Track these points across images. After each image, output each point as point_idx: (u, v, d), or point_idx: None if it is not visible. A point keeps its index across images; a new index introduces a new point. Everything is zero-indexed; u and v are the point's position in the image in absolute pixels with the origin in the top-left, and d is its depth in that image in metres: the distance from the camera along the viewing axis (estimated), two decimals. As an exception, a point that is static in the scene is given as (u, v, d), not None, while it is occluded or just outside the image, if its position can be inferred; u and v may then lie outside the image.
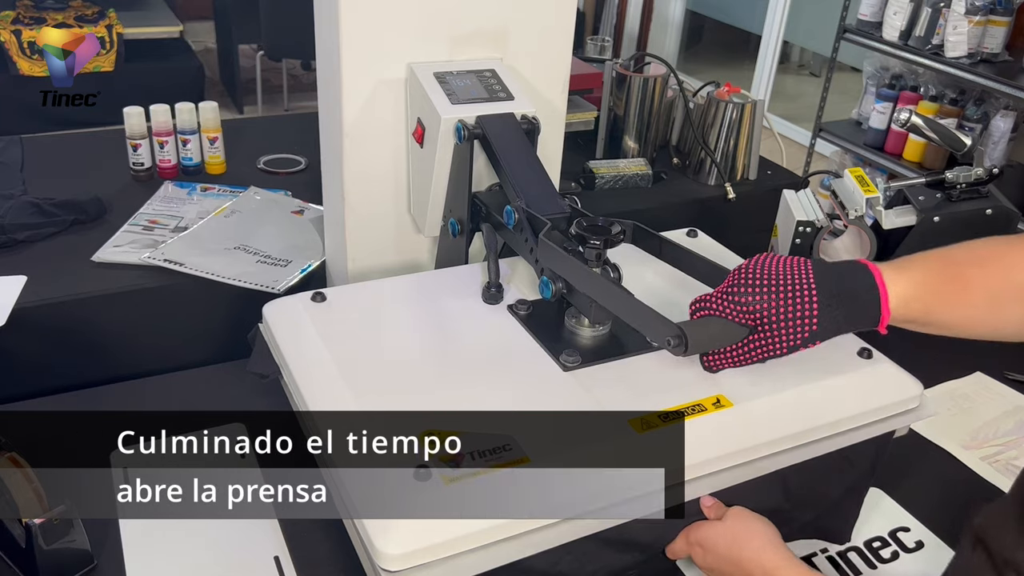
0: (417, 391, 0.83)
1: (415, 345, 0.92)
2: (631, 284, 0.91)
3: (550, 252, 0.90)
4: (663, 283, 1.00)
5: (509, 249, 1.03)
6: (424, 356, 0.91)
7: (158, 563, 0.82)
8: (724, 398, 0.82)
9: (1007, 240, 0.82)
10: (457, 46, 1.11)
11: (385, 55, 1.08)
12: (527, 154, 1.04)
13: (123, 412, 1.05)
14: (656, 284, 1.00)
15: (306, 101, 4.71)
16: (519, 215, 0.97)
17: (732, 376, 0.84)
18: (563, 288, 0.91)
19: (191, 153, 1.53)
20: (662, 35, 5.27)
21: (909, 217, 1.32)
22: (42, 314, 1.14)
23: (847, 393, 0.87)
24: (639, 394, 0.83)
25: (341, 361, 0.85)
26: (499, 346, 0.91)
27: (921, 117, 1.32)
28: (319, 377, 0.84)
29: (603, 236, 0.89)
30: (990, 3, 2.95)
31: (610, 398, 0.82)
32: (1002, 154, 3.08)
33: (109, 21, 3.62)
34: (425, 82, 1.07)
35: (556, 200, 0.98)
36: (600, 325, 0.91)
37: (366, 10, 1.04)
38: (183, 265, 1.23)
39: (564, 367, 0.86)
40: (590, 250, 0.89)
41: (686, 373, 0.85)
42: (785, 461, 0.83)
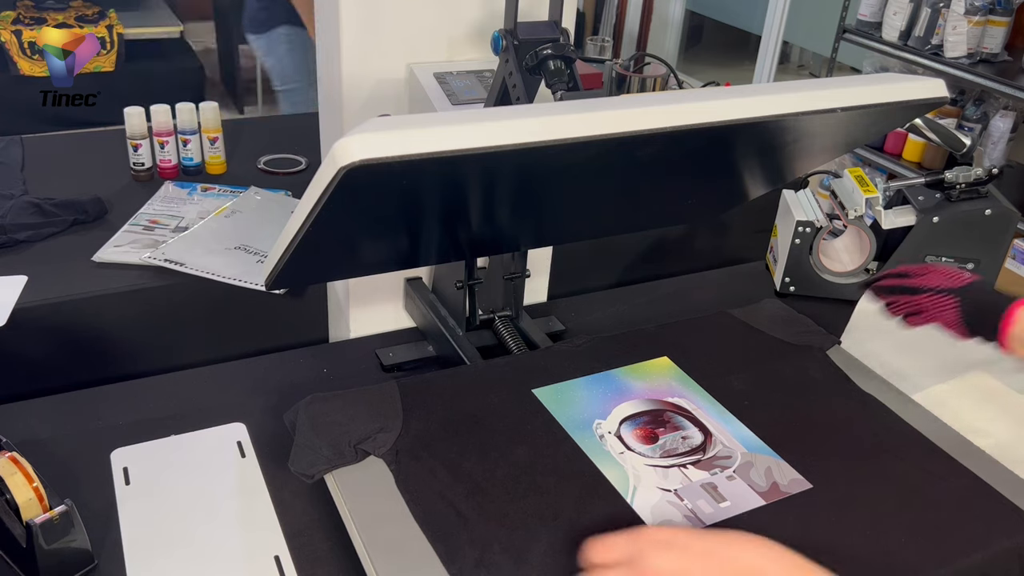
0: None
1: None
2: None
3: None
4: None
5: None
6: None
7: (158, 563, 0.82)
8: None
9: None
10: (457, 46, 1.11)
11: (385, 55, 1.08)
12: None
13: (123, 412, 1.05)
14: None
15: (306, 101, 4.71)
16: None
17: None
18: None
19: (191, 153, 1.53)
20: (662, 35, 5.27)
21: (908, 217, 1.32)
22: (42, 314, 1.14)
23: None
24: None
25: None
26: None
27: (920, 117, 1.32)
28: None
29: None
30: (989, 3, 2.95)
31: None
32: (1001, 154, 3.08)
33: (109, 21, 3.62)
34: (425, 82, 1.07)
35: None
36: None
37: (366, 10, 1.04)
38: (183, 265, 1.23)
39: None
40: None
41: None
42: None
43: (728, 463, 0.87)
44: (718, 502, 0.81)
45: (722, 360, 1.04)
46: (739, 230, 1.59)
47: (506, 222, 0.97)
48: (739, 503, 0.82)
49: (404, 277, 1.26)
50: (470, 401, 0.93)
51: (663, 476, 0.84)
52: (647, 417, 0.93)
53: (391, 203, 0.79)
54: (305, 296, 1.30)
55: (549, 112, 0.71)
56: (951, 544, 0.80)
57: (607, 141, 0.71)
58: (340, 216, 0.73)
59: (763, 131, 0.83)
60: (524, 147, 0.68)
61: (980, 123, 3.10)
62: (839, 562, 0.76)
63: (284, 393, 1.06)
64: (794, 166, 1.05)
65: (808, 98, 0.80)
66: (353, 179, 0.64)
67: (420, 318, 1.23)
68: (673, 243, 1.57)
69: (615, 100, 0.77)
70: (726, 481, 0.84)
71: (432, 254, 1.08)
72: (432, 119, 0.71)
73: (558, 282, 1.36)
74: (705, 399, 0.97)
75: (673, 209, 1.16)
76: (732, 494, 0.83)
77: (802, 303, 1.30)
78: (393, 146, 0.64)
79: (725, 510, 0.81)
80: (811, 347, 1.09)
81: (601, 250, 1.48)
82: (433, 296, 1.22)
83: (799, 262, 1.36)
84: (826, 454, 0.90)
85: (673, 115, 0.73)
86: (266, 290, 0.97)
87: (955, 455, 0.91)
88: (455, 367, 1.07)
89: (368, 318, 1.25)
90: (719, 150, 0.88)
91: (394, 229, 0.88)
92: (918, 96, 0.88)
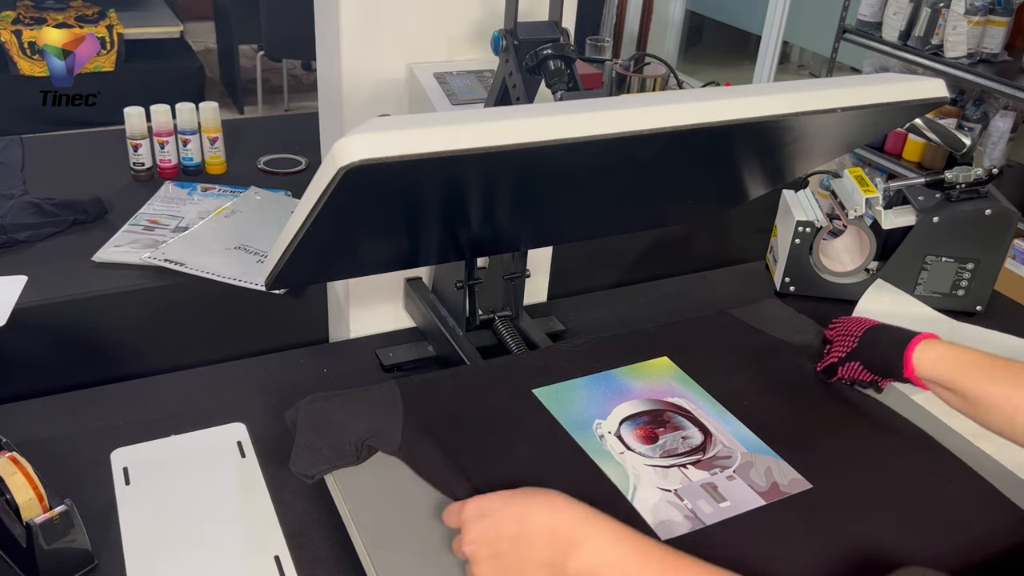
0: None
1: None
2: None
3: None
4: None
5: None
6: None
7: (158, 563, 0.82)
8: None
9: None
10: (457, 46, 1.11)
11: (385, 55, 1.08)
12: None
13: (123, 412, 1.05)
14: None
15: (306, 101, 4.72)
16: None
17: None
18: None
19: (191, 153, 1.53)
20: (662, 35, 5.27)
21: (908, 217, 1.32)
22: (42, 314, 1.14)
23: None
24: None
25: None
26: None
27: (920, 117, 1.32)
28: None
29: None
30: (989, 3, 2.95)
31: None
32: (1002, 154, 3.08)
33: (109, 21, 3.62)
34: (425, 82, 1.07)
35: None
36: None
37: (366, 10, 1.04)
38: (183, 265, 1.23)
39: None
40: None
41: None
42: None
43: (728, 463, 0.87)
44: (718, 502, 0.82)
45: (722, 360, 1.04)
46: (739, 230, 1.59)
47: (506, 222, 0.97)
48: (739, 503, 0.82)
49: (404, 277, 1.26)
50: (470, 401, 0.93)
51: (663, 476, 0.84)
52: (647, 417, 0.93)
53: (391, 203, 0.78)
54: (305, 296, 1.30)
55: (549, 112, 0.71)
56: (953, 544, 0.80)
57: (607, 141, 0.71)
58: (340, 216, 0.73)
59: (763, 131, 0.83)
60: (524, 147, 0.68)
61: (980, 123, 3.11)
62: (839, 561, 0.76)
63: (284, 393, 1.06)
64: (794, 166, 1.05)
65: (808, 98, 0.80)
66: (353, 179, 0.64)
67: (420, 318, 1.23)
68: (673, 243, 1.57)
69: (615, 100, 0.77)
70: (726, 481, 0.85)
71: (432, 254, 1.08)
72: (432, 119, 0.71)
73: (558, 282, 1.36)
74: (705, 399, 0.97)
75: (673, 209, 1.16)
76: (732, 494, 0.83)
77: (802, 303, 1.29)
78: (393, 146, 0.64)
79: (725, 510, 0.81)
80: (811, 346, 1.09)
81: (601, 250, 1.48)
82: (433, 296, 1.22)
83: (799, 262, 1.36)
84: (826, 454, 0.90)
85: (673, 115, 0.73)
86: (266, 290, 0.97)
87: (957, 455, 0.91)
88: (455, 367, 1.07)
89: (368, 318, 1.25)
90: (719, 150, 0.89)
91: (394, 229, 0.88)
92: (918, 96, 0.88)
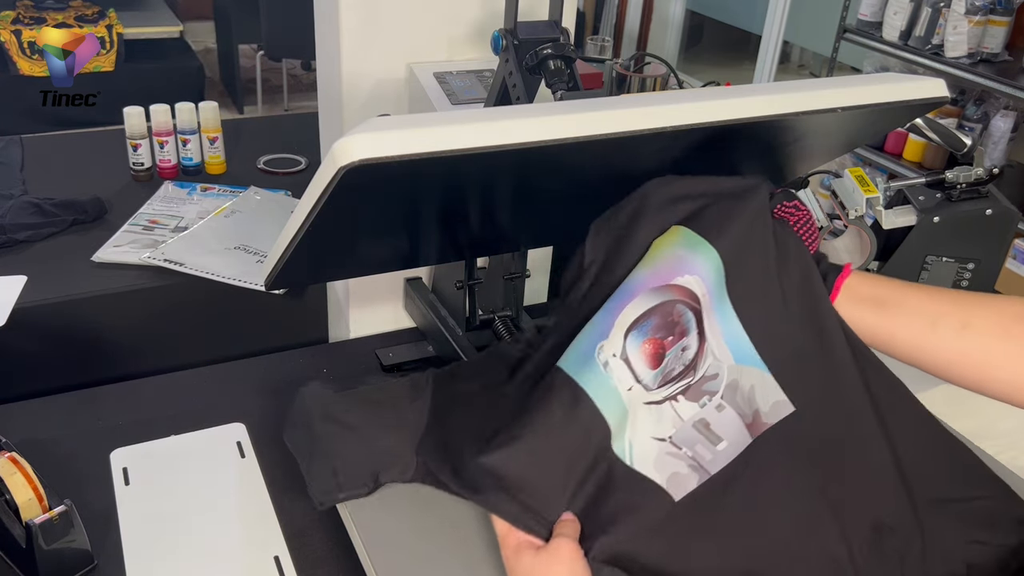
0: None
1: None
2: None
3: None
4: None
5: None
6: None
7: (158, 563, 0.82)
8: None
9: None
10: (457, 46, 1.11)
11: (385, 55, 1.08)
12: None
13: (123, 412, 1.05)
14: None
15: (306, 101, 4.72)
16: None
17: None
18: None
19: (191, 153, 1.53)
20: (662, 35, 5.27)
21: (909, 217, 1.32)
22: (42, 314, 1.14)
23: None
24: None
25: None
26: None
27: (921, 117, 1.32)
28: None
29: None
30: (990, 3, 2.95)
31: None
32: (1002, 154, 3.08)
33: (109, 21, 3.62)
34: (425, 82, 1.07)
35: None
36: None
37: (366, 10, 1.04)
38: (183, 265, 1.23)
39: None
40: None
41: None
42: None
43: (715, 385, 0.80)
44: (714, 444, 0.79)
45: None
46: (739, 230, 1.58)
47: (506, 222, 0.97)
48: (733, 441, 0.79)
49: (404, 277, 1.26)
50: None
51: (657, 419, 0.79)
52: (656, 318, 0.80)
53: (391, 203, 0.78)
54: (305, 296, 1.30)
55: (549, 112, 0.71)
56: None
57: (607, 141, 0.71)
58: (340, 216, 0.73)
59: (763, 131, 0.83)
60: (524, 147, 0.68)
61: (981, 123, 3.10)
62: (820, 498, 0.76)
63: (284, 393, 1.05)
64: (794, 166, 1.05)
65: (808, 98, 0.80)
66: (353, 179, 0.64)
67: (420, 318, 1.23)
68: (673, 243, 1.56)
69: (615, 100, 0.76)
70: (716, 413, 0.80)
71: (432, 254, 1.08)
72: (432, 119, 0.71)
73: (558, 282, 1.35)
74: (715, 268, 0.82)
75: (673, 209, 1.15)
76: (724, 430, 0.80)
77: (802, 303, 1.29)
78: (393, 146, 0.64)
79: (723, 453, 0.79)
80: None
81: (601, 250, 1.48)
82: (433, 296, 1.22)
83: (799, 262, 1.36)
84: (815, 375, 0.82)
85: (673, 115, 0.73)
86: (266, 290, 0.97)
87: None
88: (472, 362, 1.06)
89: (368, 318, 1.25)
90: (719, 150, 0.88)
91: (394, 229, 0.88)
92: (918, 96, 0.88)
